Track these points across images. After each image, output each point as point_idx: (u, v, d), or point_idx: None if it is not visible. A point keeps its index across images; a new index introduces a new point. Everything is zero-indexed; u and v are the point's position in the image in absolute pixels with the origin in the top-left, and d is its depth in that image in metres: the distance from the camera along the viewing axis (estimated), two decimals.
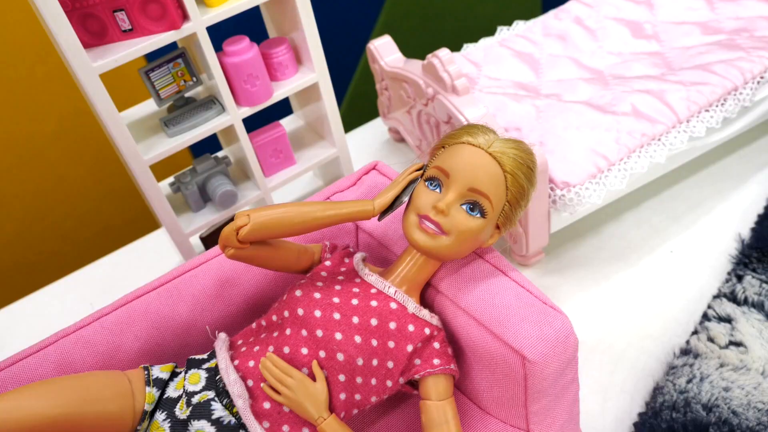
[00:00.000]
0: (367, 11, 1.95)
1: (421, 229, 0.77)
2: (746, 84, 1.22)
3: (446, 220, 0.76)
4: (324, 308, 0.78)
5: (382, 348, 0.78)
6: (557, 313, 0.76)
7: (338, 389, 0.77)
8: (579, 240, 1.25)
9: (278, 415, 0.76)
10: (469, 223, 0.76)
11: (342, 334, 0.77)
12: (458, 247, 0.77)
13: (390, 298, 0.80)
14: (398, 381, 0.79)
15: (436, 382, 0.78)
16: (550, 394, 0.77)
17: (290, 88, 1.18)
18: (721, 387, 0.98)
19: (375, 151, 1.54)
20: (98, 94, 1.01)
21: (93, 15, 1.00)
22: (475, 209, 0.77)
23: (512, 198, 0.78)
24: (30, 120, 1.65)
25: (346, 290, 0.81)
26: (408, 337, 0.78)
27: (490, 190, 0.76)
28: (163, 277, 0.91)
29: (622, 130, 1.16)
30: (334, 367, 0.77)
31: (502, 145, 0.78)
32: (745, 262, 1.14)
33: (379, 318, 0.78)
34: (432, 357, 0.79)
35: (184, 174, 1.23)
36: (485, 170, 0.76)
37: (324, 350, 0.77)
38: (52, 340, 0.84)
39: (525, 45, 1.46)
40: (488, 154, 0.77)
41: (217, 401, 0.76)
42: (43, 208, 1.78)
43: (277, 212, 0.78)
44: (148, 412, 0.77)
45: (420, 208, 0.77)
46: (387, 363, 0.78)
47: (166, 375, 0.80)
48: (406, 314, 0.79)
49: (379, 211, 0.81)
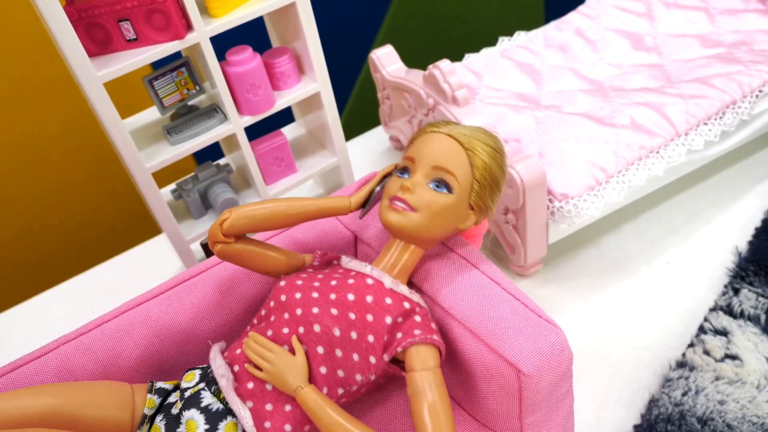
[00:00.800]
0: (369, 21, 1.96)
1: (392, 209, 0.80)
2: (745, 98, 1.23)
3: (413, 197, 0.80)
4: (304, 290, 0.82)
5: (360, 321, 0.79)
6: (552, 327, 0.77)
7: (318, 361, 0.79)
8: (577, 251, 1.26)
9: (261, 394, 0.78)
10: (437, 199, 0.80)
11: (319, 308, 0.80)
12: (430, 224, 0.80)
13: (366, 275, 0.83)
14: (382, 357, 0.79)
15: (419, 352, 0.78)
16: (544, 406, 0.78)
17: (292, 97, 1.19)
18: (716, 400, 0.98)
19: (376, 160, 1.55)
20: (102, 102, 1.02)
21: (98, 24, 1.01)
22: (442, 185, 0.80)
23: (480, 176, 0.81)
24: (33, 122, 1.66)
25: (328, 276, 0.84)
26: (386, 309, 0.80)
27: (453, 166, 0.80)
28: (163, 284, 0.92)
29: (621, 142, 1.16)
30: (312, 339, 0.79)
31: (463, 129, 0.83)
32: (742, 276, 1.15)
33: (355, 292, 0.81)
34: (413, 328, 0.79)
35: (185, 181, 1.24)
36: (446, 149, 0.81)
37: (303, 325, 0.80)
38: (53, 347, 0.85)
39: (526, 56, 1.47)
40: (448, 135, 0.82)
41: (206, 390, 0.79)
42: (45, 211, 1.79)
43: (258, 206, 0.83)
44: (147, 417, 0.79)
45: (390, 193, 0.82)
46: (367, 336, 0.79)
47: (170, 387, 0.83)
48: (383, 288, 0.82)
49: (356, 206, 0.85)
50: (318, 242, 0.97)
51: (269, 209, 0.83)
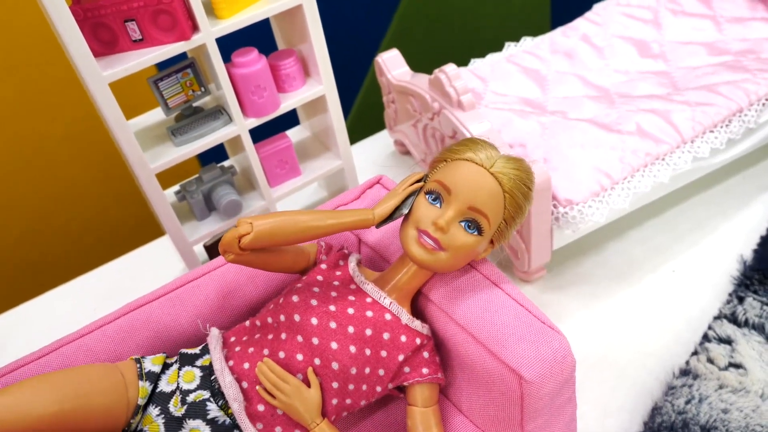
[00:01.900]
0: (375, 24, 1.96)
1: (419, 243, 0.79)
2: (751, 106, 1.22)
3: (446, 237, 0.78)
4: (320, 316, 0.80)
5: (374, 357, 0.80)
6: (555, 333, 0.76)
7: (331, 395, 0.79)
8: (581, 257, 1.26)
9: (272, 417, 0.78)
10: (466, 240, 0.78)
11: (338, 343, 0.79)
12: (454, 262, 0.80)
13: (385, 309, 0.82)
14: (387, 386, 0.82)
15: (423, 390, 0.82)
16: (546, 413, 0.77)
17: (297, 99, 1.19)
18: (719, 409, 0.97)
19: (380, 163, 1.55)
20: (107, 103, 1.02)
21: (104, 24, 1.01)
22: (473, 227, 0.78)
23: (509, 216, 0.80)
24: (38, 124, 1.66)
25: (342, 297, 0.83)
26: (400, 348, 0.81)
27: (489, 210, 0.78)
28: (165, 286, 0.92)
29: (627, 149, 1.16)
30: (329, 374, 0.79)
31: (504, 165, 0.79)
32: (747, 284, 1.14)
33: (373, 329, 0.80)
34: (421, 366, 0.82)
35: (189, 182, 1.24)
36: (486, 190, 0.77)
37: (319, 358, 0.79)
38: (54, 347, 0.85)
39: (532, 61, 1.47)
40: (490, 173, 0.78)
41: (212, 402, 0.78)
42: (49, 212, 1.79)
43: (278, 221, 0.79)
44: (141, 406, 0.78)
45: (420, 223, 0.79)
46: (378, 371, 0.80)
47: (158, 368, 0.81)
48: (400, 325, 0.82)
49: (378, 221, 0.83)
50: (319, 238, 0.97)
51: (292, 227, 0.79)
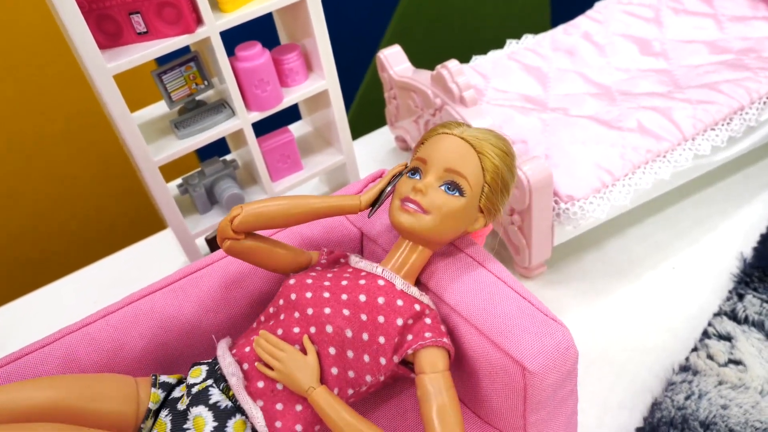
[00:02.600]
0: (377, 20, 1.96)
1: (403, 210, 0.80)
2: (752, 104, 1.23)
3: (426, 199, 0.79)
4: (315, 290, 0.81)
5: (372, 323, 0.79)
6: (558, 325, 0.76)
7: (329, 362, 0.79)
8: (582, 253, 1.26)
9: (272, 394, 0.78)
10: (449, 201, 0.80)
11: (331, 308, 0.79)
12: (441, 226, 0.80)
13: (377, 276, 0.83)
14: (392, 359, 0.79)
15: (429, 355, 0.78)
16: (549, 405, 0.78)
17: (300, 94, 1.19)
18: (719, 405, 0.98)
19: (381, 159, 1.55)
20: (111, 95, 1.02)
21: (109, 16, 1.01)
22: (453, 188, 0.80)
23: (490, 179, 0.81)
24: (39, 119, 1.66)
25: (338, 275, 0.84)
26: (397, 311, 0.80)
27: (466, 169, 0.80)
28: (169, 277, 0.92)
29: (628, 145, 1.16)
30: (324, 340, 0.79)
31: (474, 131, 0.83)
32: (747, 281, 1.15)
33: (367, 294, 0.81)
34: (423, 331, 0.80)
35: (192, 176, 1.24)
36: (458, 151, 0.81)
37: (314, 326, 0.79)
38: (58, 336, 0.85)
39: (533, 58, 1.48)
40: (461, 138, 0.82)
41: (214, 387, 0.79)
42: (50, 206, 1.79)
43: (268, 203, 0.83)
44: (152, 411, 0.79)
45: (401, 193, 0.81)
46: (378, 338, 0.79)
47: (174, 381, 0.83)
48: (394, 290, 0.82)
49: (366, 205, 0.85)
50: (325, 238, 0.97)
51: (280, 206, 0.83)
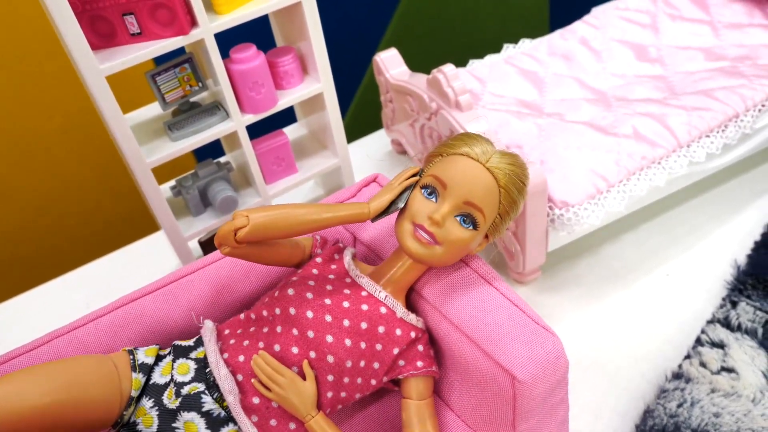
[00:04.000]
0: (375, 23, 1.96)
1: (415, 237, 0.79)
2: (747, 111, 1.22)
3: (441, 231, 0.78)
4: (316, 309, 0.80)
5: (369, 350, 0.80)
6: (549, 334, 0.76)
7: (326, 388, 0.79)
8: (576, 259, 1.26)
9: (266, 410, 0.78)
10: (462, 235, 0.79)
11: (333, 337, 0.79)
12: (449, 257, 0.80)
13: (380, 302, 0.82)
14: (382, 380, 0.83)
15: (418, 383, 0.82)
16: (538, 414, 0.77)
17: (295, 97, 1.19)
18: (711, 413, 0.98)
19: (377, 163, 1.55)
20: (104, 96, 1.02)
21: (102, 17, 1.01)
22: (468, 221, 0.79)
23: (503, 211, 0.81)
24: (34, 118, 1.65)
25: (338, 291, 0.83)
26: (395, 341, 0.81)
27: (485, 204, 0.78)
28: (159, 281, 0.92)
29: (623, 152, 1.16)
30: (324, 368, 0.79)
31: (500, 160, 0.80)
32: (740, 289, 1.14)
33: (369, 322, 0.81)
34: (416, 359, 0.82)
35: (185, 178, 1.24)
36: (482, 185, 0.78)
37: (315, 351, 0.79)
38: (46, 340, 0.85)
39: (530, 63, 1.47)
40: (486, 168, 0.79)
41: (207, 394, 0.78)
42: (44, 205, 1.78)
43: (274, 214, 0.79)
44: (134, 398, 0.78)
45: (415, 217, 0.79)
46: (373, 364, 0.81)
47: (151, 359, 0.81)
48: (395, 319, 0.82)
49: (374, 215, 0.83)
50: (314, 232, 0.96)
51: (287, 218, 0.79)
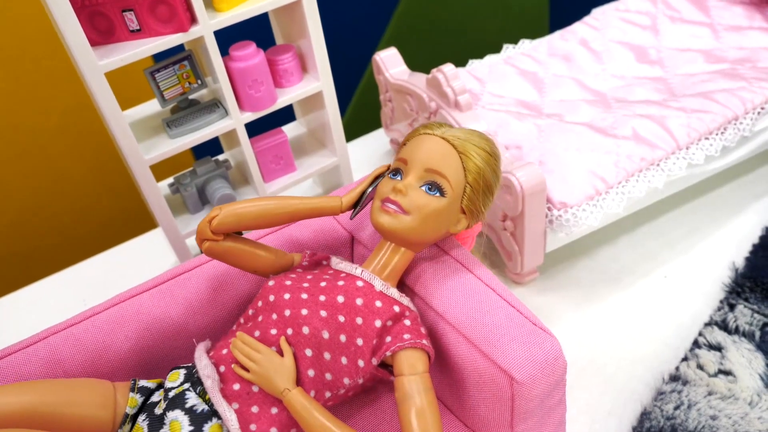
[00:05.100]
0: (375, 22, 1.96)
1: (383, 210, 0.79)
2: (747, 114, 1.23)
3: (406, 199, 0.79)
4: (293, 291, 0.81)
5: (350, 324, 0.78)
6: (547, 335, 0.76)
7: (306, 364, 0.78)
8: (574, 260, 1.26)
9: (247, 396, 0.77)
10: (429, 202, 0.79)
11: (308, 310, 0.79)
12: (421, 226, 0.79)
13: (357, 277, 0.82)
14: (370, 361, 0.78)
15: (408, 357, 0.77)
16: (536, 414, 0.77)
17: (294, 95, 1.18)
18: (708, 415, 0.98)
19: (375, 162, 1.54)
20: (102, 92, 1.02)
21: (102, 14, 1.00)
22: (434, 189, 0.79)
23: (472, 180, 0.81)
24: (32, 115, 1.65)
25: (317, 277, 0.83)
26: (375, 312, 0.79)
27: (446, 169, 0.79)
28: (156, 278, 0.91)
29: (622, 153, 1.16)
30: (301, 341, 0.78)
31: (456, 131, 0.82)
32: (738, 291, 1.14)
33: (345, 295, 0.80)
34: (402, 332, 0.79)
35: (183, 175, 1.23)
36: (439, 152, 0.80)
37: (291, 327, 0.79)
38: (42, 336, 0.84)
39: (530, 64, 1.47)
40: (442, 138, 0.81)
41: (191, 390, 0.78)
42: (42, 202, 1.78)
43: (248, 203, 0.82)
44: (129, 416, 0.77)
45: (382, 194, 0.81)
46: (356, 340, 0.78)
47: (153, 385, 0.82)
48: (373, 291, 0.81)
49: (347, 206, 0.84)
50: (314, 241, 0.96)
51: (259, 207, 0.82)
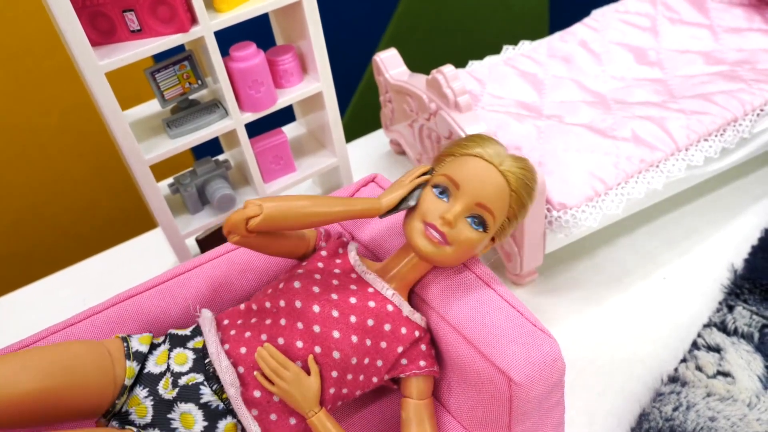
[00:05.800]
0: (375, 23, 1.96)
1: (425, 236, 0.79)
2: (746, 116, 1.23)
3: (452, 232, 0.78)
4: (323, 304, 0.79)
5: (374, 347, 0.80)
6: (546, 337, 0.76)
7: (329, 384, 0.79)
8: (573, 262, 1.26)
9: (267, 404, 0.77)
10: (472, 236, 0.79)
11: (340, 332, 0.78)
12: (457, 257, 0.80)
13: (387, 300, 0.82)
14: (383, 377, 0.82)
15: (419, 383, 0.82)
16: (534, 416, 0.77)
17: (294, 96, 1.18)
18: (707, 417, 0.98)
19: (375, 163, 1.54)
20: (103, 92, 1.02)
21: (103, 14, 1.01)
22: (479, 223, 0.79)
23: (512, 214, 0.81)
24: (33, 114, 1.65)
25: (344, 286, 0.82)
26: (399, 339, 0.81)
27: (496, 207, 0.78)
28: (156, 278, 0.91)
29: (621, 155, 1.16)
30: (329, 363, 0.78)
31: (512, 164, 0.80)
32: (737, 293, 1.15)
33: (375, 319, 0.80)
34: (418, 359, 0.82)
35: (183, 175, 1.24)
36: (494, 187, 0.78)
37: (320, 346, 0.78)
38: (42, 336, 0.84)
39: (529, 65, 1.47)
40: (499, 171, 0.79)
41: (206, 385, 0.77)
42: (41, 202, 1.78)
43: (287, 205, 0.78)
44: (127, 387, 0.77)
45: (426, 216, 0.79)
46: (377, 361, 0.81)
47: (145, 348, 0.80)
48: (401, 317, 0.82)
49: (385, 210, 0.83)
50: None
51: (301, 210, 0.78)
